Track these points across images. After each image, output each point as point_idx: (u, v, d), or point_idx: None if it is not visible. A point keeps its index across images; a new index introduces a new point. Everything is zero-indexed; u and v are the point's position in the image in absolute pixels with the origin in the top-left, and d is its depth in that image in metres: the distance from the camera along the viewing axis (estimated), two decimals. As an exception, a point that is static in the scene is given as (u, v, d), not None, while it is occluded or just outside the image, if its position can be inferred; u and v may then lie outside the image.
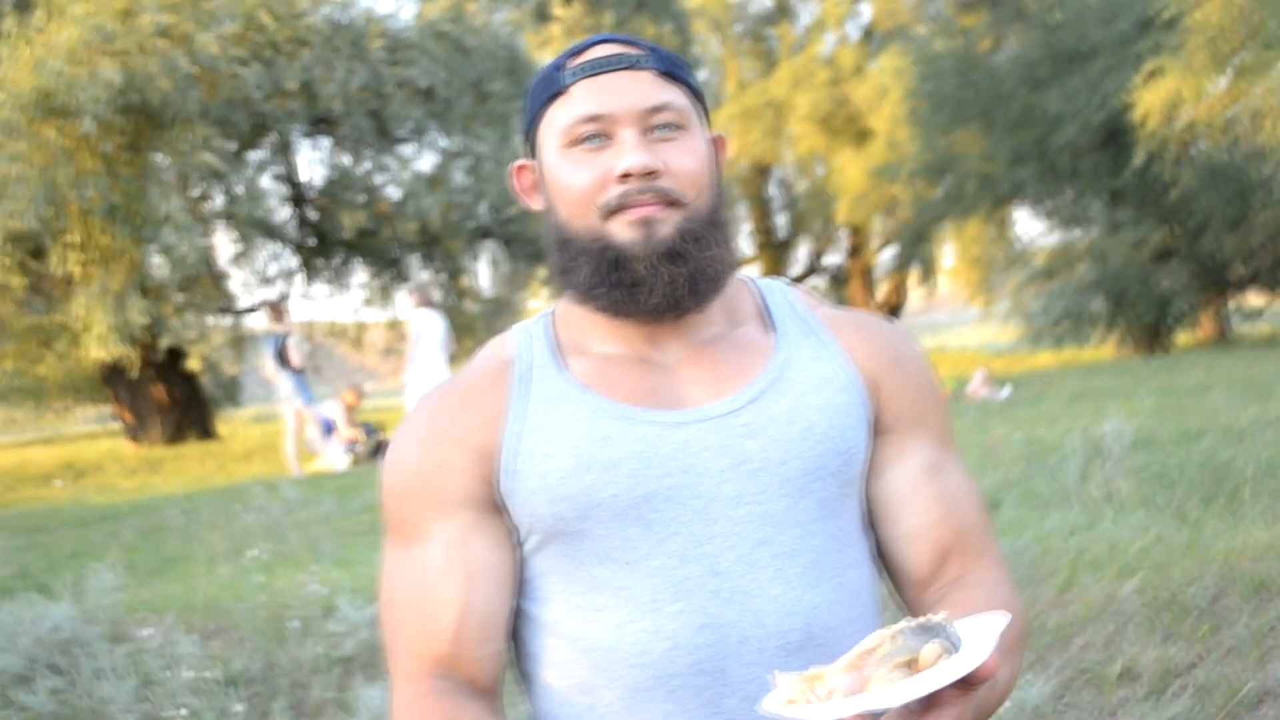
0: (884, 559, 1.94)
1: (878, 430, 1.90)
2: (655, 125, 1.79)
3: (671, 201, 1.78)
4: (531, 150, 1.90)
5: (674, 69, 1.84)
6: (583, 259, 1.81)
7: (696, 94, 1.87)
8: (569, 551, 1.80)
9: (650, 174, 1.76)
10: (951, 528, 1.89)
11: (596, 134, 1.79)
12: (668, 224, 1.77)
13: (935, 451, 1.92)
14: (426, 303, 15.03)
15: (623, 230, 1.78)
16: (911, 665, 1.43)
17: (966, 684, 1.43)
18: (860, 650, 1.46)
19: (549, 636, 1.84)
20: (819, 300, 2.02)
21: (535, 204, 1.91)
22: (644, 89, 1.79)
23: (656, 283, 1.77)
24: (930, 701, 1.45)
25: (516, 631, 1.89)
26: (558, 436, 1.79)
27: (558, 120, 1.82)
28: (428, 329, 14.62)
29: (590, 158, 1.79)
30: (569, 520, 1.78)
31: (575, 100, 1.80)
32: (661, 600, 1.76)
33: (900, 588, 1.95)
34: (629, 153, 1.76)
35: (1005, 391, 16.35)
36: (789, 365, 1.86)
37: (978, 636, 1.47)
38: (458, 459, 1.82)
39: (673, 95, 1.81)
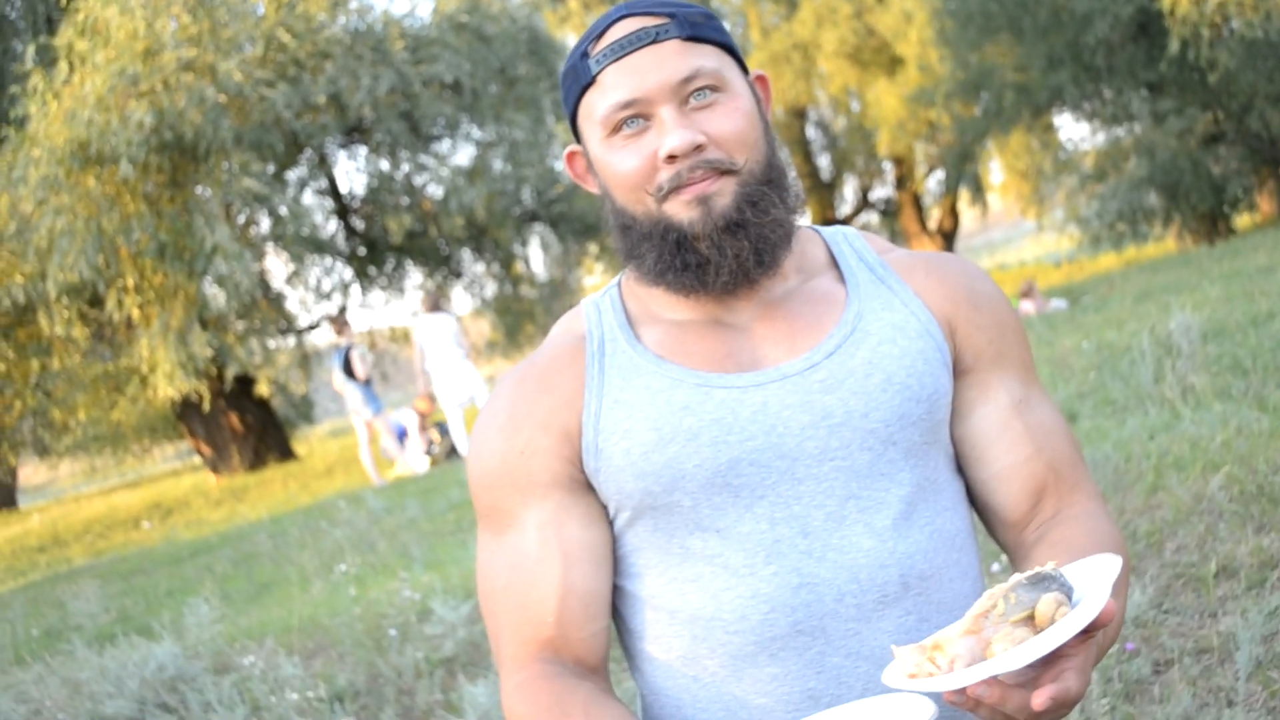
0: (976, 500, 1.93)
1: (959, 371, 1.88)
2: (691, 94, 1.76)
3: (724, 170, 1.76)
4: (577, 137, 1.89)
5: (698, 31, 1.80)
6: (646, 244, 1.80)
7: (727, 46, 1.83)
8: (660, 524, 1.80)
9: (696, 149, 1.74)
10: (1044, 463, 1.87)
11: (634, 117, 1.77)
12: (724, 195, 1.76)
13: (1020, 387, 1.90)
14: (435, 307, 15.09)
15: (681, 210, 1.76)
16: (1030, 621, 1.42)
17: (1086, 632, 1.42)
18: (976, 613, 1.45)
19: (648, 610, 1.84)
20: (887, 245, 1.99)
21: (592, 188, 1.90)
22: (671, 62, 1.76)
23: (724, 261, 1.76)
24: (1053, 654, 1.43)
25: (615, 608, 1.89)
26: (637, 411, 1.79)
27: (594, 110, 1.80)
28: (434, 336, 14.69)
29: (633, 143, 1.77)
30: (656, 494, 1.77)
31: (606, 88, 1.78)
32: (755, 564, 1.75)
33: (995, 528, 1.93)
34: (670, 133, 1.74)
35: (1056, 303, 16.16)
36: (862, 316, 1.84)
37: (1091, 581, 1.45)
38: (541, 442, 1.82)
39: (702, 59, 1.78)
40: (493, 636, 1.87)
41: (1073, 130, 29.60)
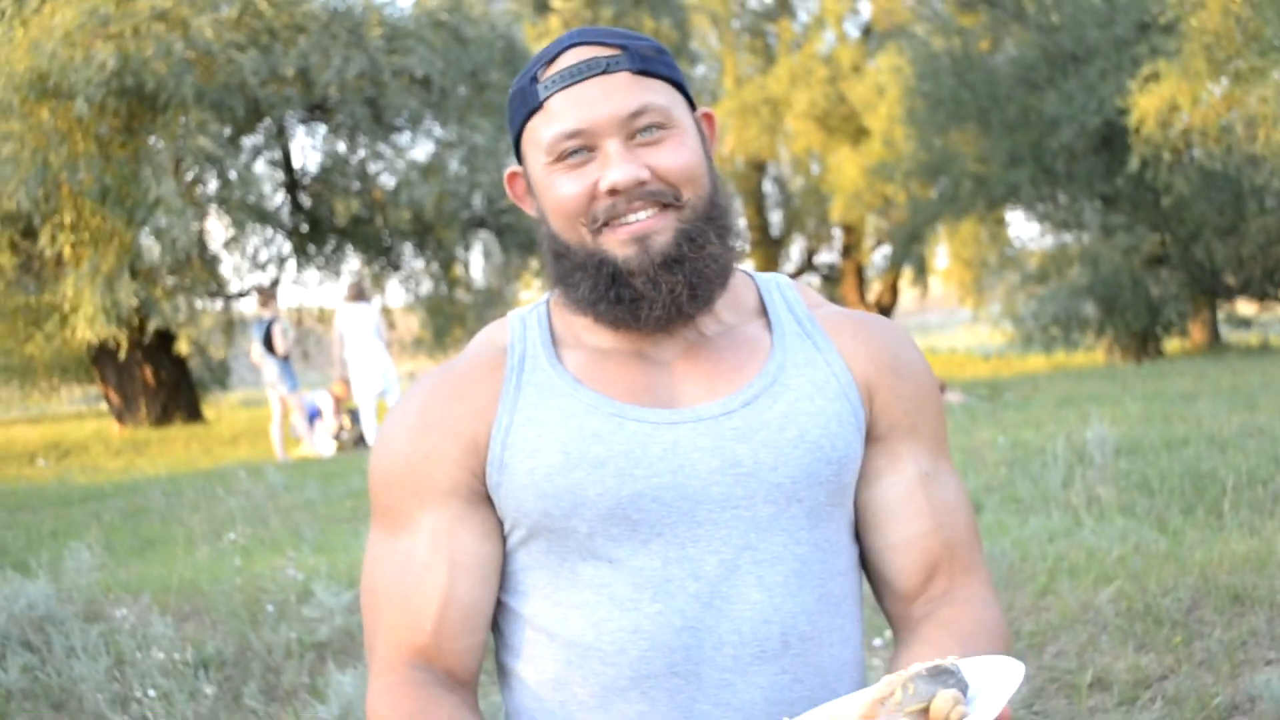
0: (869, 568, 1.93)
1: (871, 437, 1.88)
2: (638, 129, 1.75)
3: (665, 204, 1.76)
4: (519, 158, 1.88)
5: (649, 65, 1.79)
6: (580, 273, 1.79)
7: (676, 83, 1.83)
8: (553, 547, 1.79)
9: (639, 184, 1.74)
10: (942, 540, 1.88)
11: (579, 148, 1.76)
12: (664, 233, 1.75)
13: (929, 460, 1.90)
14: (358, 296, 15.10)
15: (617, 246, 1.76)
16: (924, 714, 1.43)
17: None
18: (874, 698, 1.46)
19: (528, 630, 1.83)
20: (819, 299, 2.00)
21: (530, 210, 1.89)
22: (620, 95, 1.75)
23: (658, 297, 1.76)
24: None
25: (495, 623, 1.89)
26: (548, 431, 1.78)
27: (539, 136, 1.79)
28: (355, 324, 14.69)
29: (576, 173, 1.76)
30: (554, 517, 1.77)
31: (553, 115, 1.77)
32: (642, 600, 1.75)
33: (884, 598, 1.93)
34: (613, 166, 1.73)
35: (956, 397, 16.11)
36: (784, 369, 1.85)
37: (988, 683, 1.46)
38: (448, 449, 1.81)
39: (651, 94, 1.77)
40: (368, 634, 1.86)
41: (1023, 228, 30.02)
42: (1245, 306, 25.68)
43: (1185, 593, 4.98)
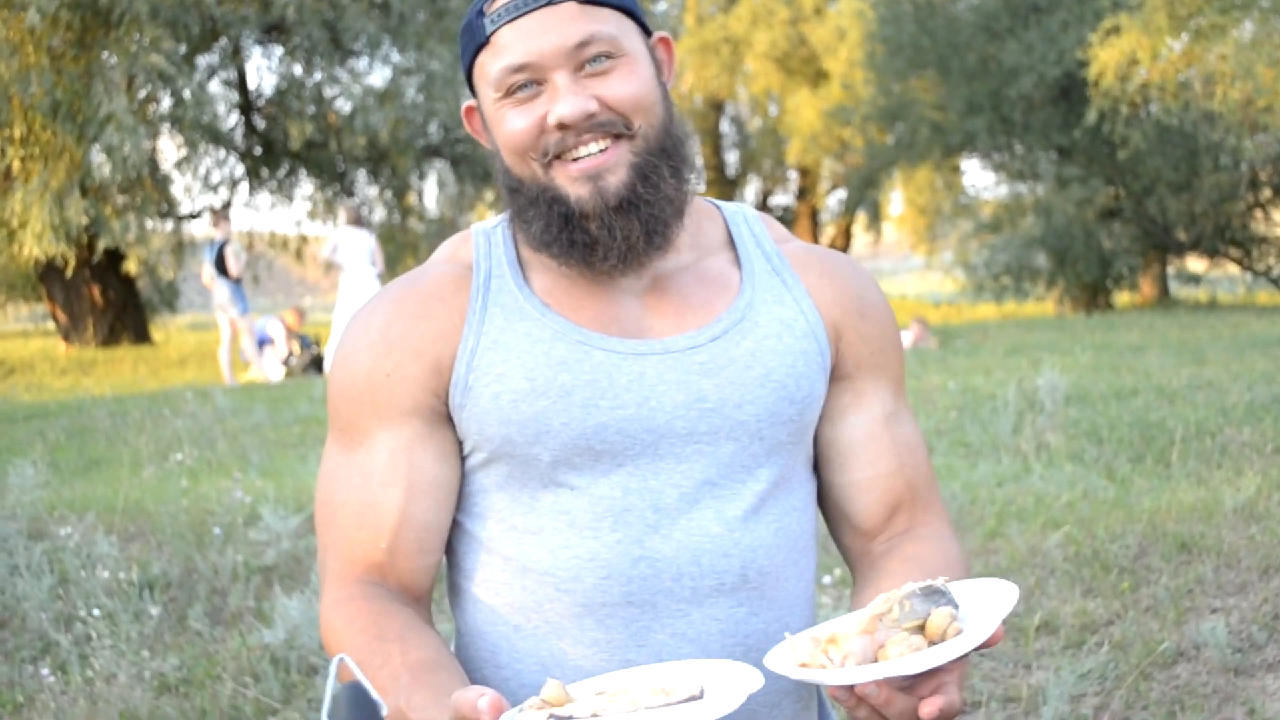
0: (828, 504, 1.93)
1: (836, 375, 1.87)
2: (586, 60, 1.71)
3: (617, 134, 1.72)
4: (473, 92, 1.83)
5: None
6: (533, 210, 1.75)
7: (627, 9, 1.78)
8: (514, 472, 1.77)
9: (588, 116, 1.70)
10: (904, 479, 1.89)
11: (527, 82, 1.71)
12: (616, 171, 1.72)
13: (891, 400, 1.91)
14: (356, 221, 15.03)
15: (570, 184, 1.72)
16: (921, 630, 1.46)
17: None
18: (872, 614, 1.49)
19: (483, 553, 1.81)
20: (785, 232, 1.97)
21: (487, 143, 1.84)
22: (566, 26, 1.70)
23: (613, 243, 1.72)
24: (936, 667, 1.46)
25: (451, 545, 1.86)
26: (514, 356, 1.75)
27: (488, 71, 1.75)
28: (351, 250, 14.66)
29: (525, 107, 1.72)
30: (517, 444, 1.74)
31: (500, 49, 1.72)
32: (601, 529, 1.74)
33: (843, 534, 1.93)
34: (561, 100, 1.69)
35: (927, 342, 16.19)
36: (753, 306, 1.83)
37: (979, 604, 1.50)
38: (410, 369, 1.77)
39: (599, 23, 1.72)
40: (321, 548, 1.84)
41: (978, 177, 30.12)
42: (1195, 263, 25.88)
43: (1133, 540, 5.02)
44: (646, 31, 1.82)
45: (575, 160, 1.72)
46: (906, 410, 1.93)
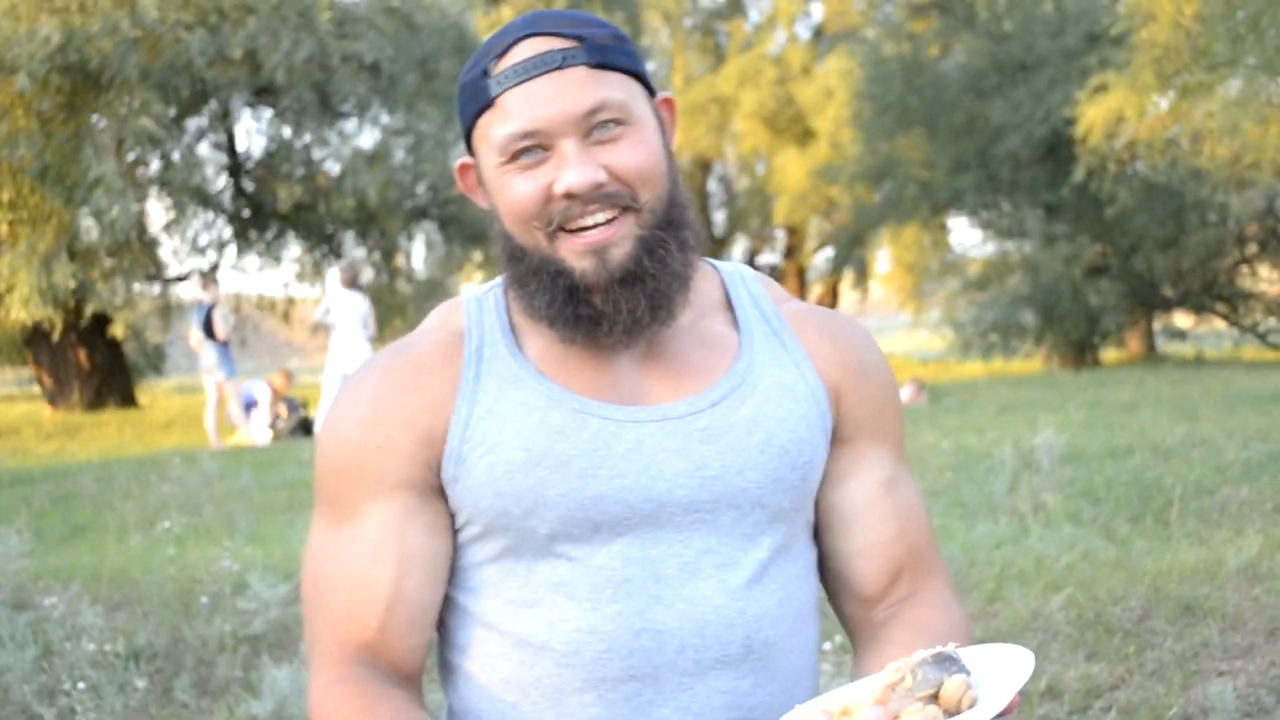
0: (829, 571, 1.89)
1: (836, 439, 1.84)
2: (595, 126, 1.66)
3: (623, 207, 1.67)
4: (470, 150, 1.78)
5: (606, 58, 1.69)
6: (535, 282, 1.71)
7: (636, 73, 1.74)
8: (510, 545, 1.72)
9: (596, 186, 1.65)
10: (906, 545, 1.85)
11: (534, 147, 1.66)
12: (622, 244, 1.67)
13: (892, 464, 1.87)
14: (350, 283, 15.00)
15: (575, 257, 1.68)
16: (934, 699, 1.44)
17: None
18: (884, 683, 1.47)
19: (478, 628, 1.76)
20: (783, 293, 1.94)
21: (482, 202, 1.79)
22: (576, 92, 1.65)
23: (618, 316, 1.68)
24: None
25: (443, 620, 1.82)
26: (509, 425, 1.71)
27: (492, 134, 1.69)
28: (346, 312, 14.63)
29: (530, 173, 1.67)
30: (513, 516, 1.70)
31: (506, 113, 1.67)
32: (600, 600, 1.69)
33: (844, 601, 1.89)
34: (570, 168, 1.64)
35: (919, 399, 16.17)
36: (752, 369, 1.79)
37: (992, 671, 1.47)
38: (401, 441, 1.72)
39: (609, 89, 1.67)
40: (310, 627, 1.79)
41: (965, 235, 30.24)
42: (1182, 319, 25.96)
43: (1136, 602, 4.95)
44: (651, 91, 1.77)
45: (581, 232, 1.67)
46: (906, 473, 1.90)
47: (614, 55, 1.70)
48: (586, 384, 1.74)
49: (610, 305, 1.68)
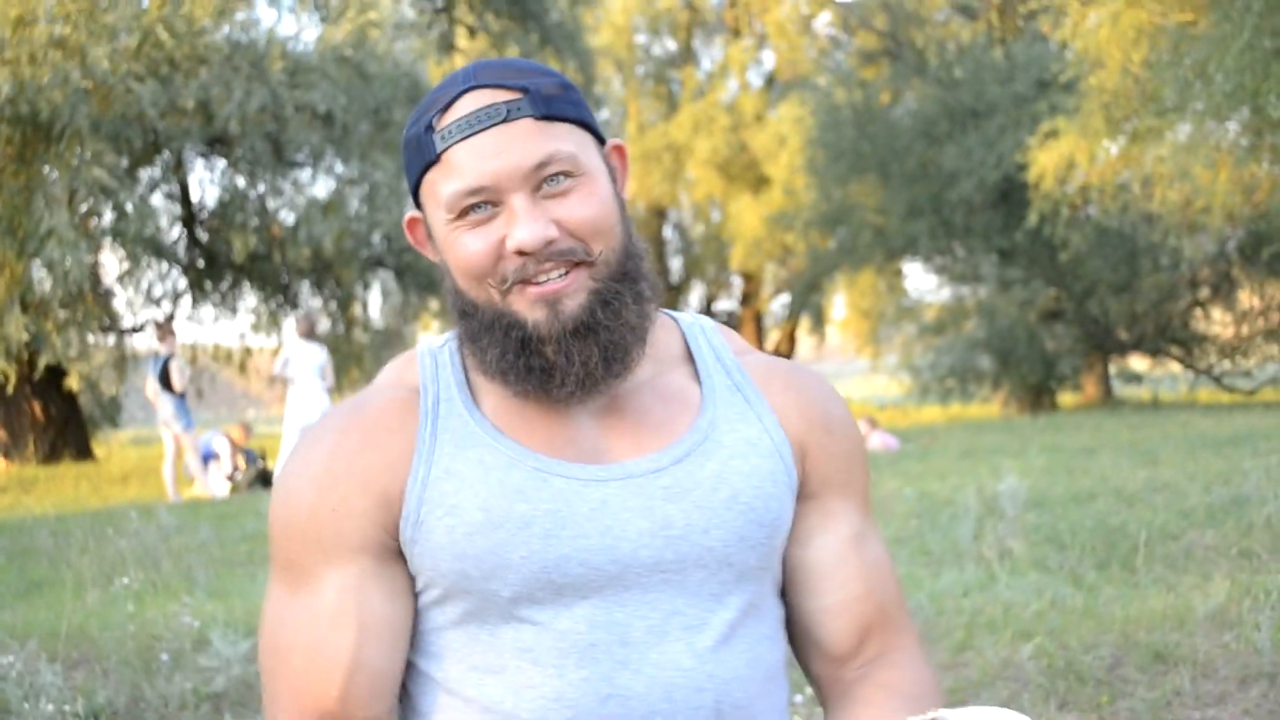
0: (796, 629, 1.86)
1: (802, 495, 1.81)
2: (544, 179, 1.63)
3: (577, 261, 1.64)
4: (418, 204, 1.74)
5: (552, 108, 1.66)
6: (488, 336, 1.67)
7: (584, 122, 1.70)
8: (471, 608, 1.68)
9: (547, 243, 1.61)
10: (875, 602, 1.82)
11: (482, 203, 1.63)
12: (576, 296, 1.64)
13: (859, 520, 1.85)
14: (309, 334, 14.93)
15: (527, 309, 1.64)
16: None
17: None
18: None
19: (441, 694, 1.71)
20: (744, 344, 1.91)
21: (432, 256, 1.76)
22: (523, 146, 1.62)
23: (570, 368, 1.64)
24: None
25: (405, 687, 1.77)
26: (467, 486, 1.66)
27: (438, 190, 1.66)
28: (302, 362, 14.56)
29: (480, 230, 1.64)
30: (474, 579, 1.65)
31: (452, 170, 1.64)
32: (566, 666, 1.65)
33: (812, 660, 1.86)
34: (520, 225, 1.60)
35: (889, 441, 16.30)
36: (715, 425, 1.75)
37: None
38: (357, 503, 1.68)
39: (557, 141, 1.64)
40: (268, 695, 1.73)
41: (920, 280, 30.42)
42: (1138, 362, 26.12)
43: (1106, 650, 4.94)
44: (601, 140, 1.74)
45: (534, 285, 1.63)
46: (874, 528, 1.87)
47: (560, 105, 1.67)
48: (545, 442, 1.71)
49: (563, 357, 1.64)
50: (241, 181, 20.92)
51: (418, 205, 1.75)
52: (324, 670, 1.67)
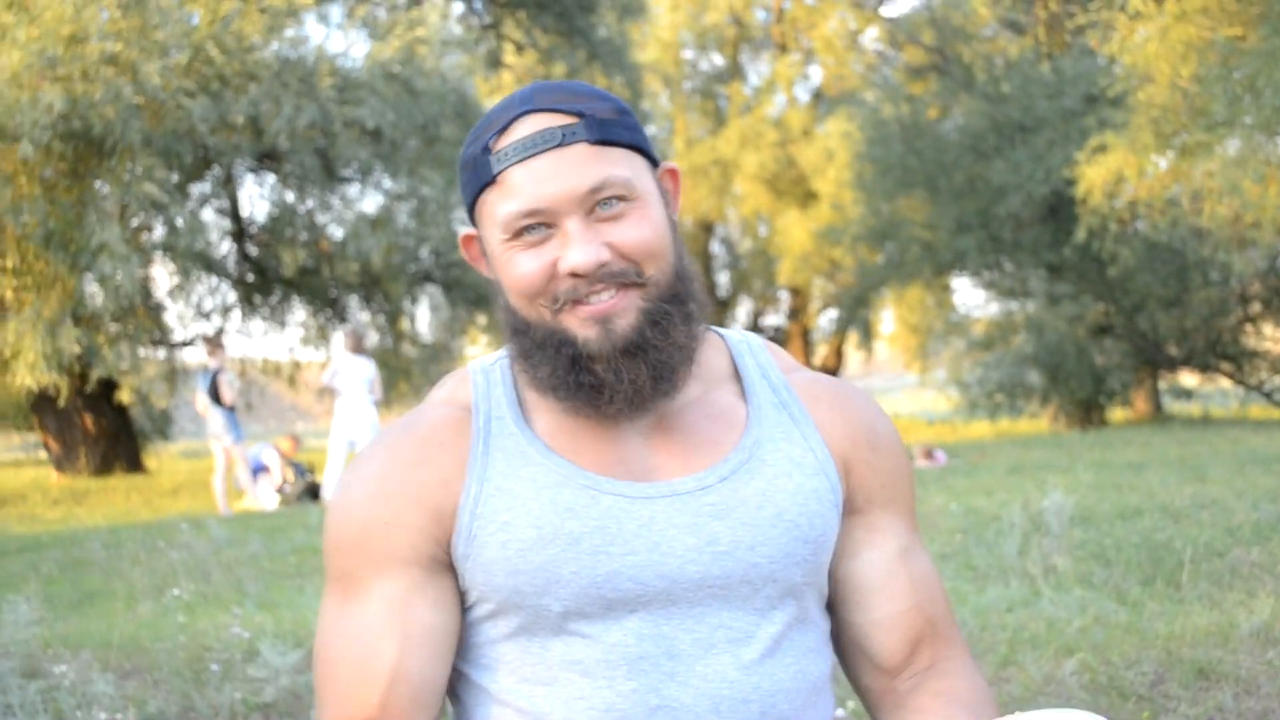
0: (845, 642, 1.89)
1: (848, 510, 1.84)
2: (598, 203, 1.67)
3: (629, 283, 1.69)
4: (473, 222, 1.79)
5: (607, 133, 1.70)
6: (540, 354, 1.71)
7: (638, 146, 1.75)
8: (523, 622, 1.72)
9: (600, 265, 1.66)
10: (924, 615, 1.86)
11: (537, 225, 1.67)
12: (627, 315, 1.68)
13: (906, 534, 1.88)
14: (358, 349, 15.01)
15: (578, 327, 1.69)
16: None
17: None
18: None
19: (494, 706, 1.76)
20: (791, 362, 1.95)
21: (486, 273, 1.80)
22: (578, 170, 1.66)
23: (619, 385, 1.69)
24: None
25: (458, 695, 1.82)
26: (519, 503, 1.70)
27: (494, 211, 1.71)
28: (350, 376, 14.64)
29: (534, 251, 1.68)
30: (526, 594, 1.70)
31: (508, 191, 1.68)
32: (615, 678, 1.69)
33: (863, 672, 1.89)
34: (574, 247, 1.65)
35: (940, 457, 16.30)
36: (761, 444, 1.79)
37: None
38: (410, 518, 1.73)
39: (612, 166, 1.69)
40: (318, 699, 1.79)
41: (969, 295, 30.17)
42: (1188, 378, 25.92)
43: (1149, 666, 4.93)
44: (654, 162, 1.78)
45: (585, 305, 1.68)
46: (919, 542, 1.90)
47: (615, 130, 1.71)
48: (595, 460, 1.75)
49: (612, 374, 1.68)
50: (291, 196, 21.07)
51: (473, 223, 1.80)
52: (367, 680, 1.71)
